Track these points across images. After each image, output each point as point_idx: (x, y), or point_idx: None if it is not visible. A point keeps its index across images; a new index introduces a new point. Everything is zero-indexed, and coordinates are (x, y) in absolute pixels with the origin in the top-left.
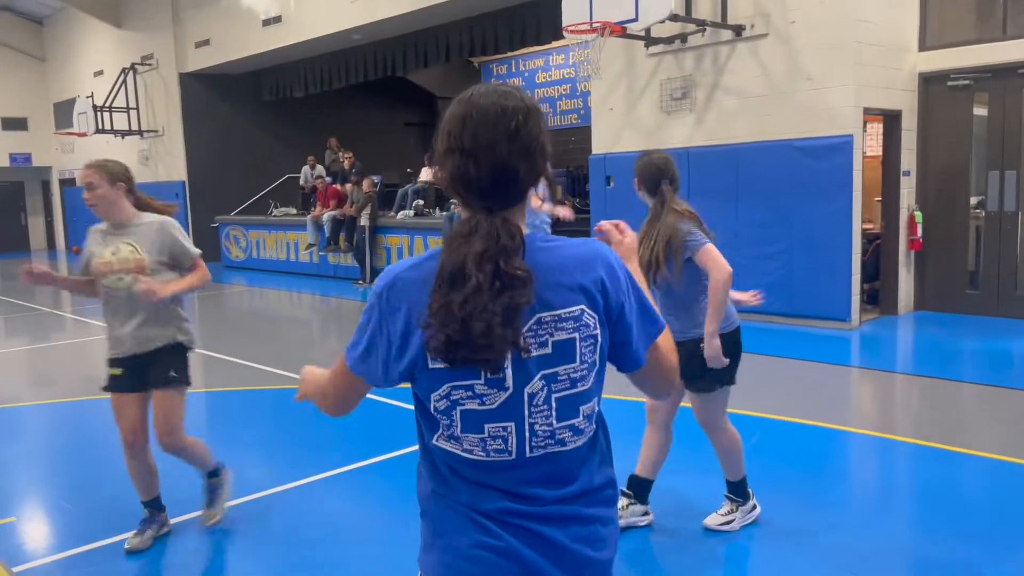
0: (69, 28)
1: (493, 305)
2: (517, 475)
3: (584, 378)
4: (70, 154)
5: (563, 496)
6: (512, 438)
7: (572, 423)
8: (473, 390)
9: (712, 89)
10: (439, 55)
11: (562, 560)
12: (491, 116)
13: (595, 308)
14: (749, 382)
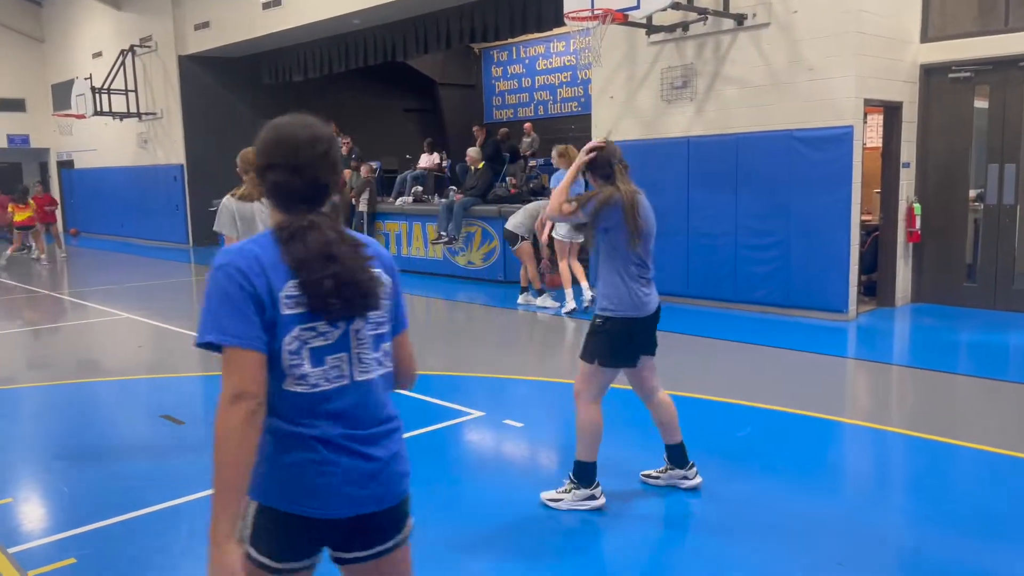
0: (68, 9)
1: (362, 273)
2: (347, 400)
3: (385, 323)
4: (68, 136)
5: (381, 420)
6: (345, 365)
7: (378, 356)
8: (316, 330)
9: (713, 78)
10: (439, 41)
11: (383, 470)
12: (307, 141)
13: (388, 274)
14: (745, 372)
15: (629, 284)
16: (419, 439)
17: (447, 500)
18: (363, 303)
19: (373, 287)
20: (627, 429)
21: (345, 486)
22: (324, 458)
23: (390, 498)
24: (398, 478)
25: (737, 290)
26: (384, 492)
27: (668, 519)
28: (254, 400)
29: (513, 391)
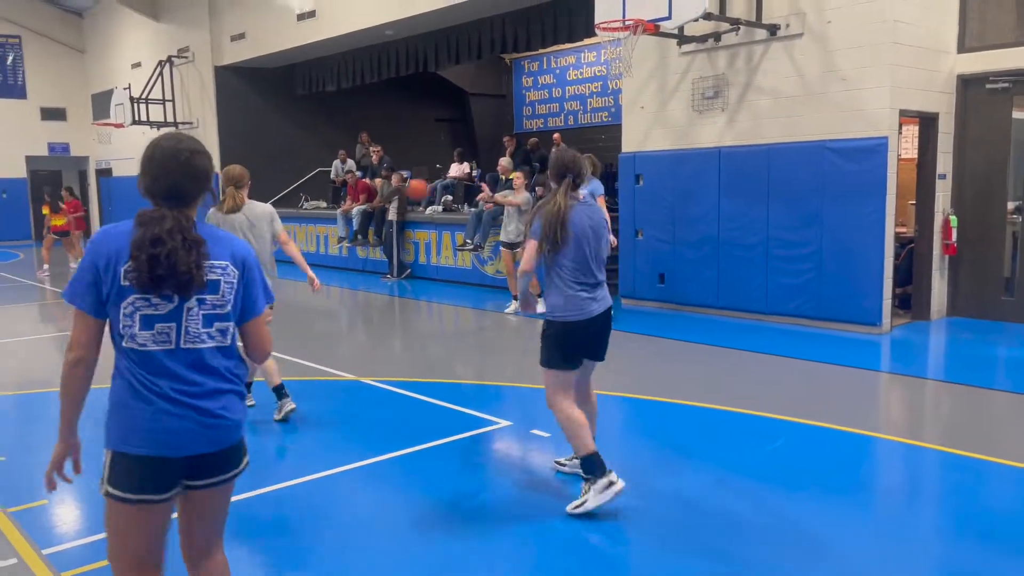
0: (108, 21)
1: (188, 256)
2: (175, 363)
3: (224, 307)
4: (107, 144)
5: (208, 380)
6: (173, 333)
7: (209, 331)
8: (149, 301)
9: (745, 89)
10: (471, 52)
11: (212, 419)
12: (170, 153)
13: (236, 267)
14: (776, 385)
15: (566, 290)
16: (446, 447)
17: (473, 509)
18: (175, 284)
19: (192, 274)
20: (636, 437)
21: (175, 430)
22: (159, 406)
23: (219, 442)
24: (225, 426)
25: (768, 302)
26: (213, 436)
27: (704, 532)
28: (81, 350)
29: (541, 401)
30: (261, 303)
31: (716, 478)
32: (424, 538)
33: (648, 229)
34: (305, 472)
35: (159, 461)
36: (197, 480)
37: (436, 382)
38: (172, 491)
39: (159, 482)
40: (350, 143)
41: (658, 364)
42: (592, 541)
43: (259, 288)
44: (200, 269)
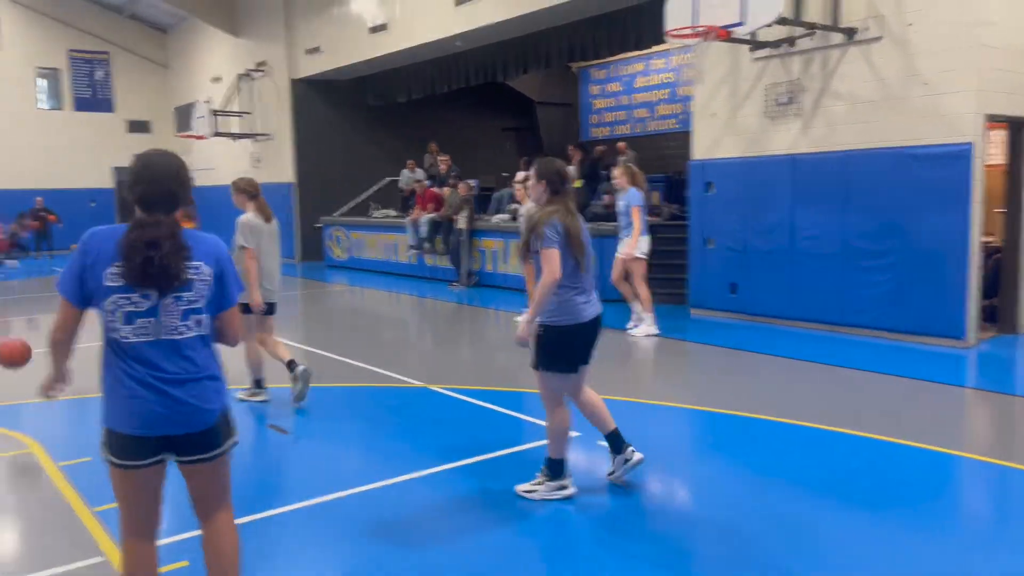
0: (190, 37)
1: (177, 258)
2: (154, 352)
3: (198, 301)
4: (189, 156)
5: (187, 369)
6: (152, 327)
7: (187, 323)
8: (131, 300)
9: (820, 94)
10: (539, 61)
11: (180, 406)
12: (163, 164)
13: (210, 266)
14: (854, 400)
15: (563, 294)
16: (513, 458)
17: (538, 521)
18: (167, 283)
19: (180, 274)
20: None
21: (151, 413)
22: (136, 392)
23: (190, 425)
24: (199, 412)
25: (844, 313)
26: (185, 420)
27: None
28: (61, 334)
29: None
30: (234, 295)
31: (792, 495)
32: (487, 547)
33: (719, 238)
34: (374, 479)
35: (137, 438)
36: (182, 456)
37: (504, 391)
38: (154, 458)
39: (140, 453)
40: (419, 153)
41: (730, 376)
42: (664, 554)
43: (232, 282)
44: (184, 270)
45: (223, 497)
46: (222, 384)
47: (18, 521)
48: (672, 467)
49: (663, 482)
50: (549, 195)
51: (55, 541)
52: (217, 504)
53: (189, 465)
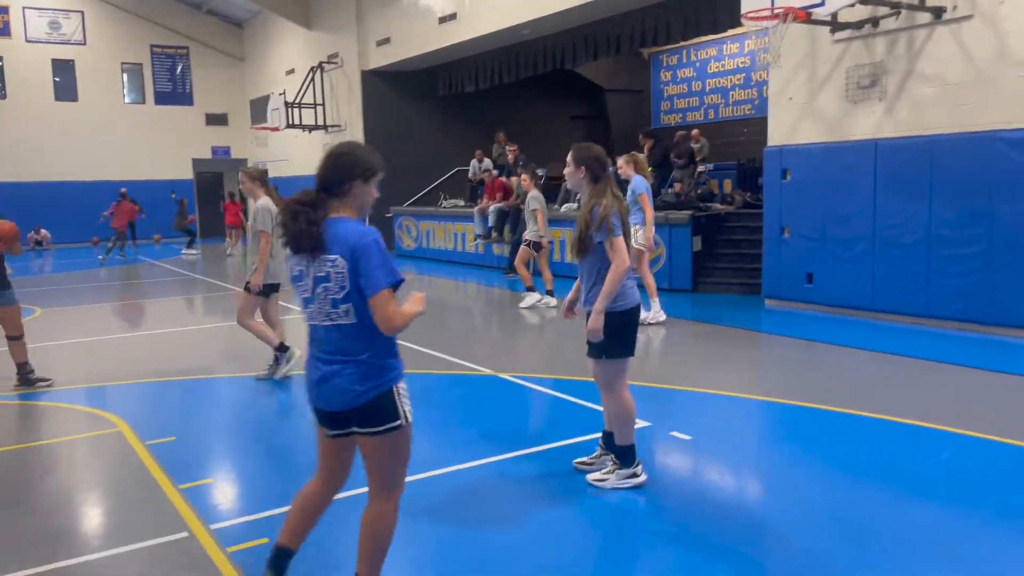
0: (265, 30)
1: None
2: (319, 334)
3: (338, 292)
4: (264, 147)
5: (336, 352)
6: (314, 313)
7: (334, 312)
8: (300, 286)
9: (905, 76)
10: (609, 47)
11: (328, 386)
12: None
13: (345, 259)
14: (940, 394)
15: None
16: (583, 446)
17: (607, 511)
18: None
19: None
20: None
21: (312, 388)
22: (308, 368)
23: (336, 404)
24: (340, 392)
25: (930, 304)
26: (329, 398)
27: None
28: None
29: (677, 402)
30: (375, 283)
31: (875, 491)
32: (554, 533)
33: (796, 226)
34: (445, 464)
35: (314, 409)
36: (356, 428)
37: (572, 379)
38: (337, 431)
39: (323, 423)
40: (487, 142)
41: (808, 369)
42: (743, 551)
43: (371, 270)
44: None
45: (378, 484)
46: (371, 370)
47: (108, 497)
48: (745, 459)
49: (736, 474)
50: (590, 181)
51: (142, 516)
52: (374, 487)
53: (360, 436)
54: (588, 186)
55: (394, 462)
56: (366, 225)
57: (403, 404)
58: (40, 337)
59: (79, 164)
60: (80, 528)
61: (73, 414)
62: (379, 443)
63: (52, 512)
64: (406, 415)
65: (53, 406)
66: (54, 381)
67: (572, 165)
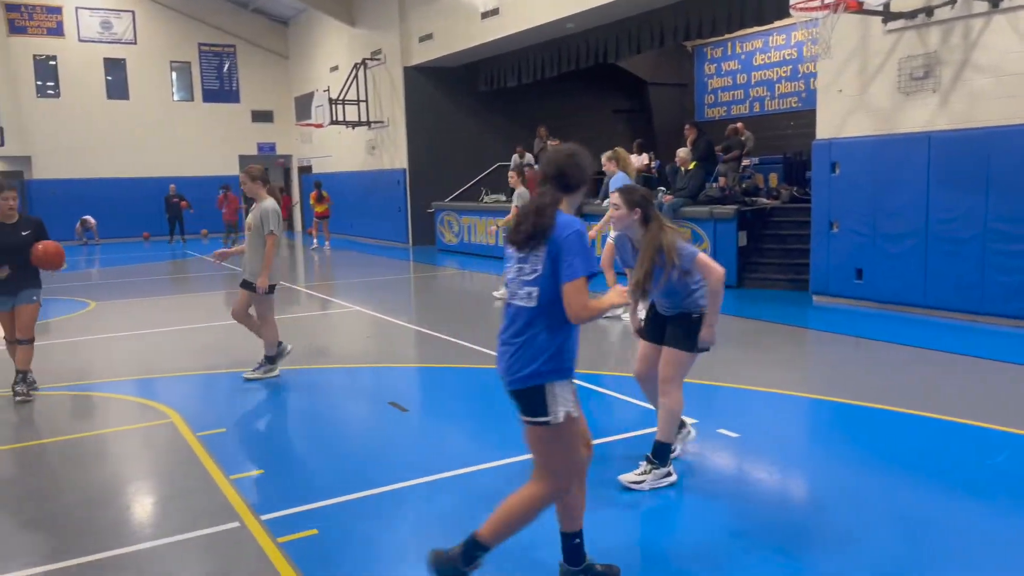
0: (310, 28)
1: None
2: (508, 312)
3: (532, 275)
4: (308, 144)
5: (518, 332)
6: (509, 290)
7: (522, 293)
8: (511, 264)
9: (960, 67)
10: (653, 40)
11: (504, 362)
12: (553, 152)
13: (548, 245)
14: (997, 393)
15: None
16: (628, 443)
17: (658, 511)
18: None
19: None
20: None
21: (499, 364)
22: (498, 344)
23: (506, 383)
24: (503, 369)
25: (985, 301)
26: (504, 374)
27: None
28: None
29: (724, 399)
30: (572, 271)
31: (930, 492)
32: (602, 538)
33: (845, 221)
34: (489, 458)
35: None
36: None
37: (612, 375)
38: None
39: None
40: (528, 137)
41: (857, 366)
42: (793, 551)
43: (573, 258)
44: (533, 238)
45: (539, 465)
46: (536, 355)
47: (160, 487)
48: (793, 458)
49: (784, 473)
50: (642, 223)
51: (194, 506)
52: (536, 470)
53: None
54: (640, 227)
55: (543, 453)
56: (571, 217)
57: (556, 403)
58: (94, 330)
59: (129, 161)
60: (133, 517)
61: (126, 405)
62: (529, 431)
63: (105, 501)
64: (556, 414)
65: (106, 397)
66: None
67: (624, 208)
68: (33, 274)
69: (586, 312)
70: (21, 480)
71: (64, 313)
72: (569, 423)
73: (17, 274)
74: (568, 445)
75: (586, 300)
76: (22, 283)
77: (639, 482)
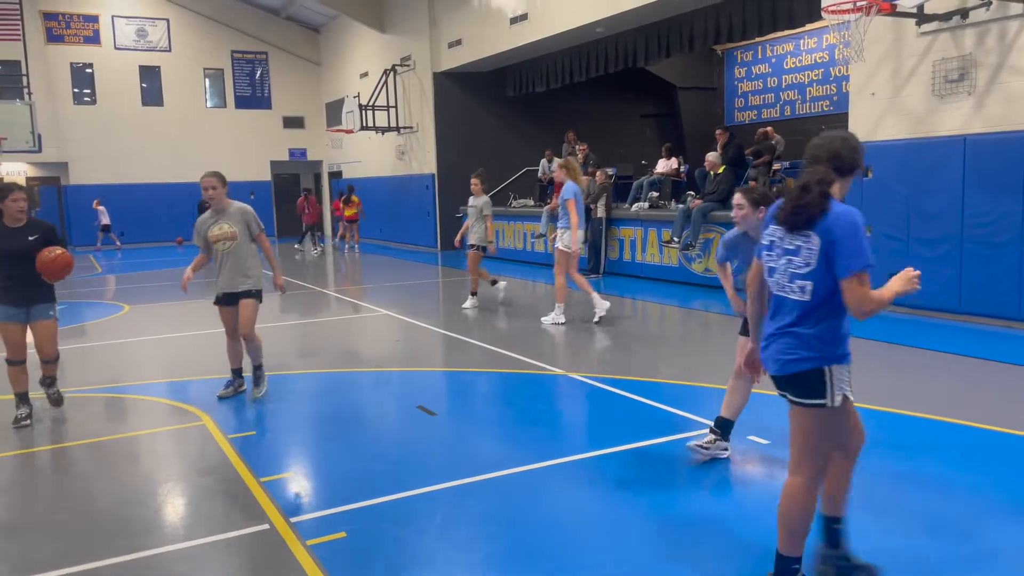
0: (340, 35)
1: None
2: (774, 303)
3: (801, 267)
4: (338, 149)
5: (785, 323)
6: (772, 281)
7: (791, 286)
8: (772, 254)
9: (997, 69)
10: (682, 44)
11: (772, 351)
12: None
13: (821, 237)
14: None
15: None
16: (654, 449)
17: (691, 517)
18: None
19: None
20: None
21: (765, 353)
22: (766, 335)
23: (776, 369)
24: (782, 359)
25: (1023, 307)
26: (772, 363)
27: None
28: None
29: (752, 404)
30: (853, 264)
31: (971, 502)
32: (632, 547)
33: (877, 226)
34: (520, 463)
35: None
36: (788, 394)
37: (643, 380)
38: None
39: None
40: (556, 142)
41: (890, 373)
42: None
43: (850, 251)
44: (797, 215)
45: (797, 455)
46: (810, 342)
47: (191, 489)
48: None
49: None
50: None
51: (225, 508)
52: (796, 457)
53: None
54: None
55: (809, 439)
56: (848, 206)
57: (833, 386)
58: (128, 333)
59: (163, 167)
60: (164, 518)
61: (158, 407)
62: (801, 415)
63: (137, 502)
64: (833, 398)
65: (139, 399)
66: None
67: (749, 207)
68: (46, 285)
69: (869, 305)
70: (56, 481)
71: (99, 317)
72: (844, 404)
73: (26, 283)
74: (833, 428)
75: (867, 293)
76: (35, 294)
77: (706, 448)
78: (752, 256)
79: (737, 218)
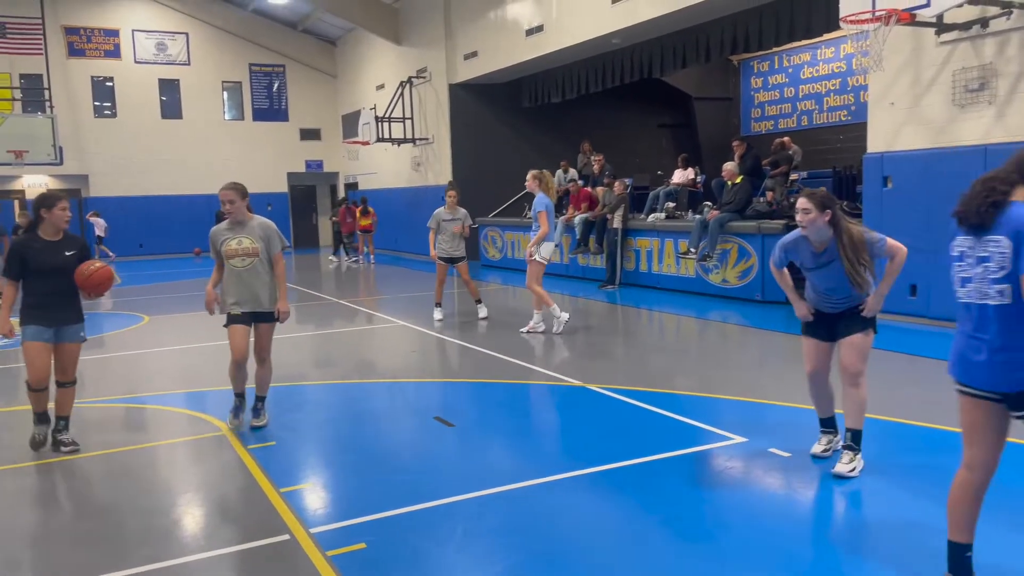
0: (357, 47)
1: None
2: (967, 312)
3: (996, 271)
4: (355, 161)
5: (988, 332)
6: (973, 291)
7: (989, 291)
8: (962, 265)
9: (1018, 79)
10: (698, 55)
11: (981, 365)
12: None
13: (1011, 239)
14: None
15: None
16: (680, 460)
17: (710, 530)
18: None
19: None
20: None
21: (959, 362)
22: (958, 342)
23: (992, 384)
24: (1000, 373)
25: None
26: (986, 379)
27: None
28: None
29: (774, 417)
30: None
31: (996, 522)
32: (652, 559)
33: (897, 236)
34: (538, 474)
35: (964, 386)
36: (1014, 412)
37: (660, 392)
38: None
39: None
40: (572, 153)
41: (912, 385)
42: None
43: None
44: (982, 223)
45: (986, 450)
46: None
47: (210, 499)
48: (849, 480)
49: (840, 494)
50: (830, 224)
51: (244, 519)
52: (978, 456)
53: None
54: (829, 226)
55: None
56: None
57: None
58: (148, 344)
59: (182, 179)
60: (185, 529)
61: (178, 417)
62: None
63: (156, 513)
64: None
65: (158, 409)
66: (80, 448)
67: (815, 210)
68: (78, 304)
69: None
70: (77, 491)
71: (119, 327)
72: None
73: (61, 302)
74: None
75: None
76: (68, 313)
77: (854, 469)
78: (810, 260)
79: (804, 222)
